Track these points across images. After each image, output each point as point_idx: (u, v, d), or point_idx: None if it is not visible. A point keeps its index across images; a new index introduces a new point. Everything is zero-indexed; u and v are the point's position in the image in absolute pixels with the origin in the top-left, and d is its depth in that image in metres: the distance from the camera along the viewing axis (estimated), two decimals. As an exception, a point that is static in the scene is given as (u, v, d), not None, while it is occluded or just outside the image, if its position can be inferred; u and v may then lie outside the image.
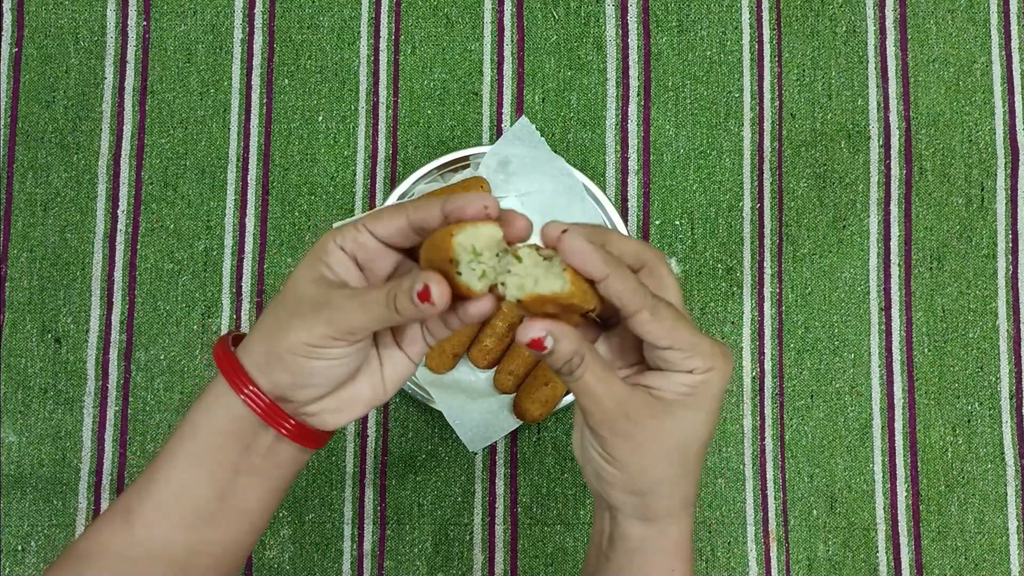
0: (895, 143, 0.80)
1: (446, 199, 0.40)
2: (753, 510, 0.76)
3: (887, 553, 0.77)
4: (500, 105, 0.79)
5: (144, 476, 0.45)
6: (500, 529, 0.76)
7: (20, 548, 0.74)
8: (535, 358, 0.72)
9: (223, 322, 0.77)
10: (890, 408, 0.78)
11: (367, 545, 0.75)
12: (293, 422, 0.44)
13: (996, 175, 0.80)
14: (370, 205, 0.78)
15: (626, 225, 0.76)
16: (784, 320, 0.78)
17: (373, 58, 0.80)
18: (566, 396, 0.71)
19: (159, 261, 0.77)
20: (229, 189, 0.78)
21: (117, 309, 0.77)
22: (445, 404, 0.71)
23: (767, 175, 0.79)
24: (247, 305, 0.77)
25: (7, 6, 0.79)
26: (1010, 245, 0.80)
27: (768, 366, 0.78)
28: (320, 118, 0.79)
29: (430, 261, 0.40)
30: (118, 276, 0.77)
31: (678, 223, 0.79)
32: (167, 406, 0.76)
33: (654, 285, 0.42)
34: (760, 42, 0.81)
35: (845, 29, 0.81)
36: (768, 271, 0.78)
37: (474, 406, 0.72)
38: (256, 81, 0.79)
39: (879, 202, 0.80)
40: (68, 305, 0.77)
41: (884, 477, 0.77)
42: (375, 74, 0.79)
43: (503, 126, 0.79)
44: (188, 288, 0.77)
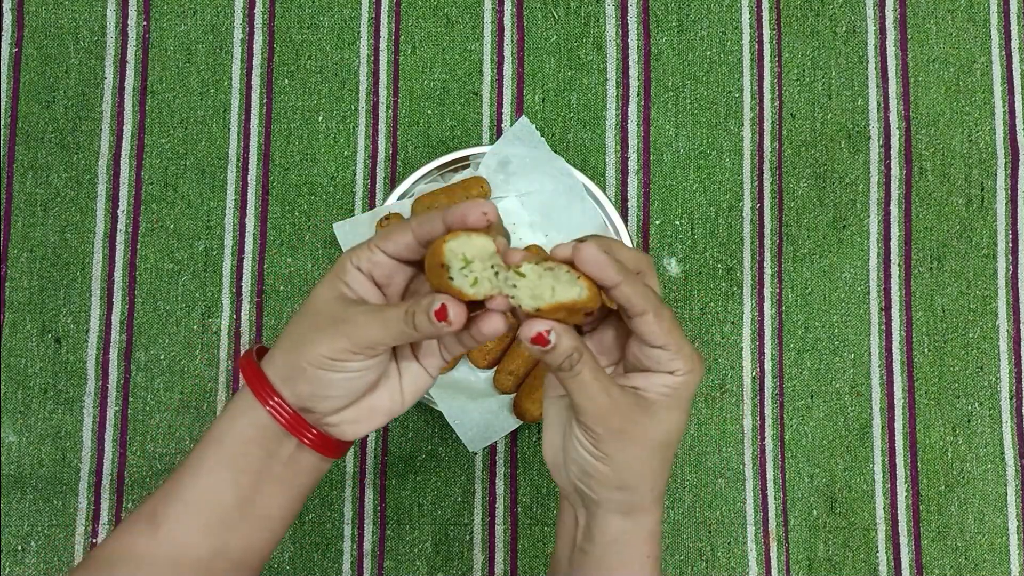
0: (895, 143, 0.80)
1: (447, 210, 0.42)
2: (753, 510, 0.76)
3: (887, 553, 0.77)
4: (500, 105, 0.79)
5: (169, 482, 0.46)
6: (500, 529, 0.76)
7: (20, 548, 0.74)
8: (534, 359, 0.72)
9: (223, 322, 0.77)
10: (890, 408, 0.78)
11: (367, 545, 0.75)
12: (315, 432, 0.45)
13: (996, 175, 0.80)
14: (370, 205, 0.78)
15: (626, 225, 0.76)
16: (784, 320, 0.78)
17: (373, 58, 0.80)
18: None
19: (159, 261, 0.77)
20: (229, 189, 0.78)
21: (117, 309, 0.77)
22: (445, 404, 0.71)
23: (767, 175, 0.79)
24: (247, 305, 0.77)
25: (7, 6, 0.79)
26: (1010, 245, 0.80)
27: (768, 366, 0.78)
28: (320, 118, 0.79)
29: (428, 268, 0.42)
30: (118, 276, 0.77)
31: (678, 223, 0.79)
32: (167, 406, 0.76)
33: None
34: (760, 42, 0.81)
35: (845, 29, 0.81)
36: (768, 271, 0.78)
37: (474, 406, 0.72)
38: (256, 81, 0.79)
39: (879, 202, 0.80)
40: (68, 305, 0.77)
41: (884, 477, 0.77)
42: (375, 74, 0.79)
43: (503, 126, 0.79)
44: (188, 288, 0.77)
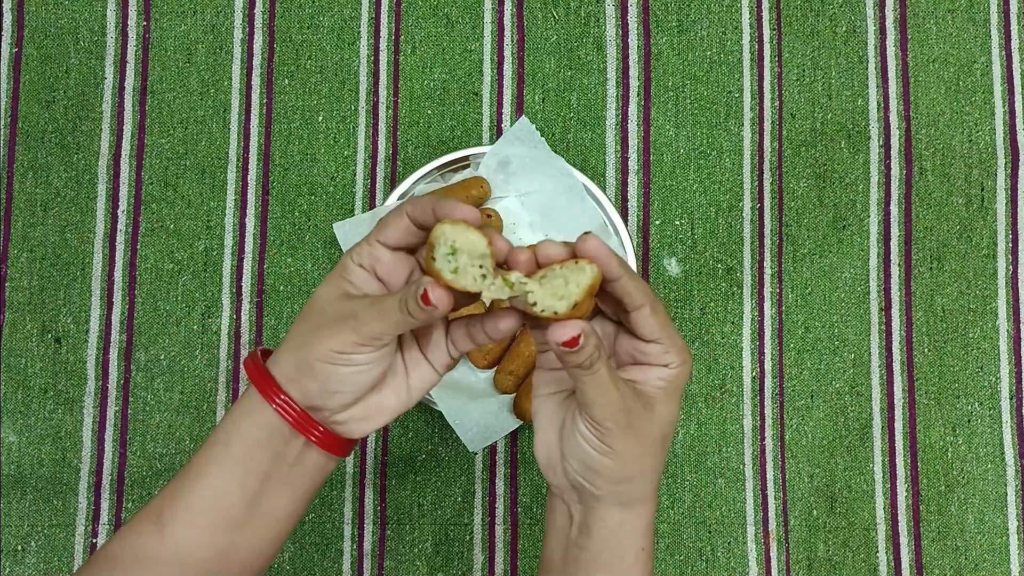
0: (895, 143, 0.80)
1: (440, 200, 0.42)
2: (753, 510, 0.76)
3: (887, 553, 0.77)
4: (500, 105, 0.79)
5: (174, 482, 0.46)
6: (500, 529, 0.76)
7: (20, 548, 0.74)
8: (534, 358, 0.72)
9: (223, 322, 0.77)
10: (890, 408, 0.78)
11: (367, 545, 0.75)
12: (322, 429, 0.46)
13: (996, 175, 0.80)
14: (370, 205, 0.78)
15: (626, 225, 0.76)
16: (784, 320, 0.78)
17: (373, 58, 0.80)
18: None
19: (159, 261, 0.77)
20: (229, 189, 0.78)
21: (117, 309, 0.77)
22: (445, 404, 0.71)
23: (767, 175, 0.79)
24: (247, 305, 0.77)
25: (7, 6, 0.79)
26: (1010, 245, 0.80)
27: (768, 366, 0.78)
28: (320, 118, 0.79)
29: (425, 250, 0.42)
30: (118, 276, 0.77)
31: (678, 223, 0.79)
32: (167, 406, 0.76)
33: None
34: (760, 42, 0.81)
35: (845, 29, 0.81)
36: (768, 271, 0.78)
37: (474, 406, 0.72)
38: (256, 81, 0.79)
39: (879, 202, 0.80)
40: (68, 305, 0.77)
41: (884, 477, 0.77)
42: (375, 74, 0.79)
43: (503, 126, 0.79)
44: (188, 288, 0.77)
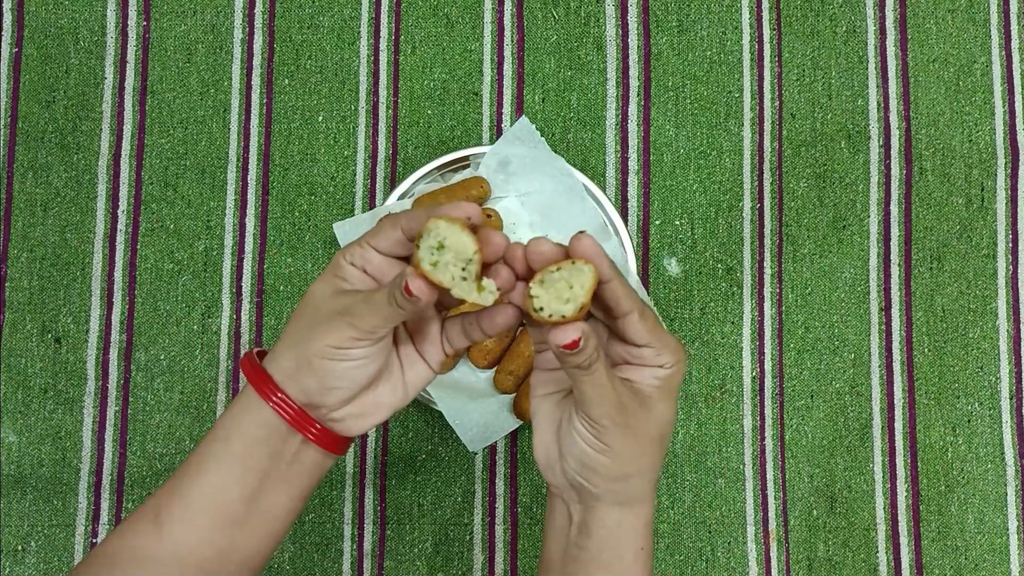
0: (895, 143, 0.80)
1: (432, 209, 0.43)
2: (753, 510, 0.76)
3: (887, 553, 0.77)
4: (500, 105, 0.79)
5: (172, 481, 0.46)
6: (500, 529, 0.76)
7: (20, 548, 0.74)
8: (533, 358, 0.72)
9: (223, 322, 0.77)
10: (890, 408, 0.78)
11: (367, 545, 0.75)
12: (319, 427, 0.46)
13: (996, 175, 0.80)
14: (370, 205, 0.78)
15: (626, 225, 0.76)
16: (784, 320, 0.78)
17: (373, 58, 0.80)
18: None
19: (159, 261, 0.77)
20: (229, 189, 0.78)
21: (117, 309, 0.77)
22: (445, 404, 0.71)
23: (767, 175, 0.79)
24: (247, 305, 0.77)
25: (7, 6, 0.79)
26: (1010, 245, 0.80)
27: (768, 366, 0.78)
28: (320, 118, 0.79)
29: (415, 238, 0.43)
30: (118, 276, 0.77)
31: (678, 223, 0.79)
32: (167, 406, 0.76)
33: None
34: (760, 42, 0.81)
35: (845, 29, 0.81)
36: (768, 271, 0.78)
37: (474, 406, 0.72)
38: (256, 81, 0.79)
39: (879, 202, 0.80)
40: (68, 305, 0.77)
41: (884, 477, 0.77)
42: (375, 74, 0.79)
43: (503, 126, 0.79)
44: (188, 288, 0.77)
